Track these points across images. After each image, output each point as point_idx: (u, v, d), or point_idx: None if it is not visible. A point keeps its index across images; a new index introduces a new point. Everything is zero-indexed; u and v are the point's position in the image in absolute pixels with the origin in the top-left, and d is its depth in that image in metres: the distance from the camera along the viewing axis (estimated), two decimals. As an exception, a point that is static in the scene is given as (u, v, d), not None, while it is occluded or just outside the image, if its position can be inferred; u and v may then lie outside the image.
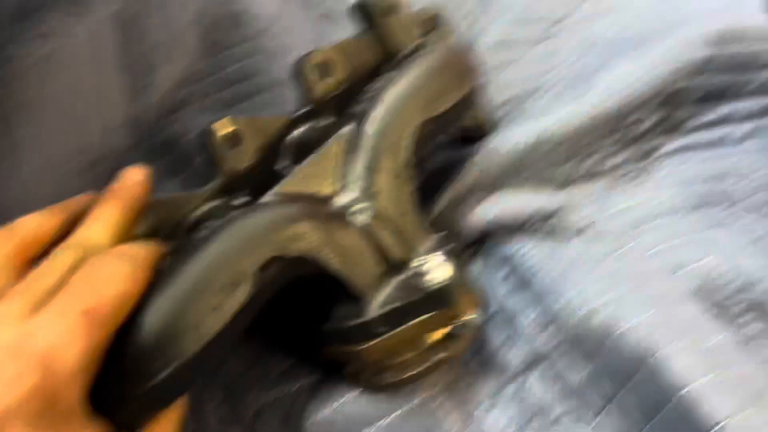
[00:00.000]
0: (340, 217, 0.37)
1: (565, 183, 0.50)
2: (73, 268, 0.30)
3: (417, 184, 0.41)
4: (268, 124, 0.40)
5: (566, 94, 0.51)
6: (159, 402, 0.31)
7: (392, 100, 0.40)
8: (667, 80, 0.50)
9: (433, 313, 0.35)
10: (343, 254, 0.35)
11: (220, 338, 0.31)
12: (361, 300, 0.36)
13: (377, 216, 0.37)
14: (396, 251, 0.37)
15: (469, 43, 0.45)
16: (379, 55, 0.45)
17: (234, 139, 0.38)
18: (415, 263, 0.37)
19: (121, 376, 0.29)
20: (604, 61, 0.52)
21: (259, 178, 0.38)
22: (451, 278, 0.36)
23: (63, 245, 0.31)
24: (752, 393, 0.34)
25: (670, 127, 0.52)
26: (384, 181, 0.38)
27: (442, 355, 0.37)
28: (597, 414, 0.38)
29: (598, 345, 0.38)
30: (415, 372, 0.37)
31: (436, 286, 0.35)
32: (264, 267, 0.32)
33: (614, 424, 0.37)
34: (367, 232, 0.37)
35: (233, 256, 0.32)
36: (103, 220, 0.33)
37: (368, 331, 0.35)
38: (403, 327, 0.35)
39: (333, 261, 0.35)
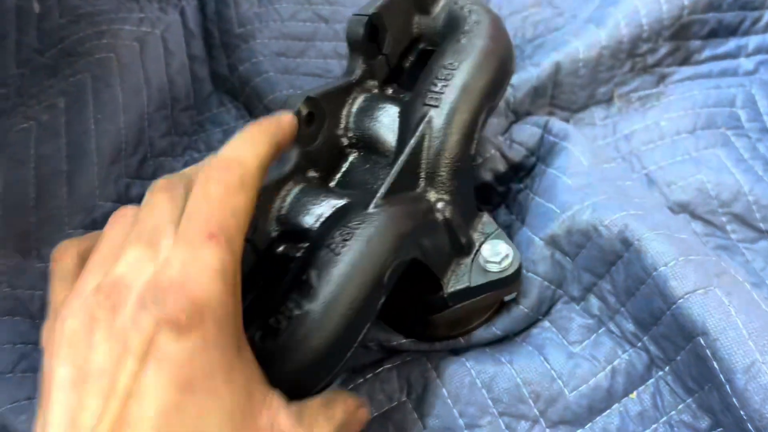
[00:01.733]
0: (431, 212, 0.40)
1: (583, 107, 0.56)
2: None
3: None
4: (330, 96, 0.42)
5: (586, 27, 0.56)
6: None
7: (459, 96, 0.41)
8: (679, 13, 0.54)
9: (494, 292, 0.42)
10: (432, 246, 0.40)
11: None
12: (439, 278, 0.42)
13: (452, 207, 0.41)
14: (463, 235, 0.42)
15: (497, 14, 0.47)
16: (414, 9, 0.48)
17: (309, 118, 0.40)
18: (478, 246, 0.42)
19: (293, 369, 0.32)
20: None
21: (327, 154, 0.42)
22: (515, 269, 0.41)
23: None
24: (714, 273, 0.40)
25: (681, 57, 0.57)
26: (456, 171, 0.41)
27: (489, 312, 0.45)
28: (582, 299, 0.45)
29: (585, 239, 0.44)
30: (471, 326, 0.45)
31: (502, 275, 0.41)
32: (392, 273, 0.35)
33: (597, 305, 0.44)
34: (447, 223, 0.41)
35: (371, 272, 0.34)
36: (252, 142, 0.31)
37: (442, 304, 0.42)
38: (467, 302, 0.42)
39: (426, 253, 0.39)
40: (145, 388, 0.25)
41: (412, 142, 0.40)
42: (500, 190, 0.52)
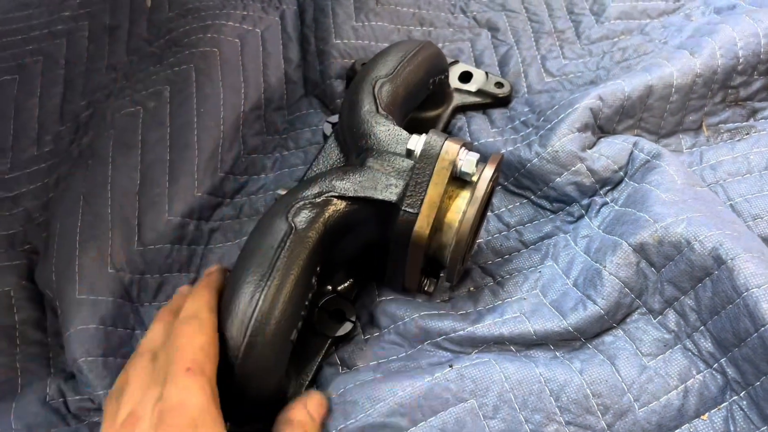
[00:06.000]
0: None
1: (670, 133, 0.56)
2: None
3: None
4: None
5: (680, 53, 0.56)
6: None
7: None
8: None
9: None
10: None
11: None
12: None
13: None
14: None
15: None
16: None
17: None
18: None
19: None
20: (718, 22, 0.57)
21: None
22: None
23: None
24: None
25: (775, 92, 0.56)
26: None
27: None
28: (660, 313, 0.45)
29: (675, 251, 0.44)
30: None
31: None
32: None
33: (675, 321, 0.44)
34: None
35: None
36: (200, 298, 0.43)
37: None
38: None
39: None
40: None
41: None
42: (583, 203, 0.53)
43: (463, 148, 0.44)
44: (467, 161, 0.43)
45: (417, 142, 0.44)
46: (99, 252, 0.53)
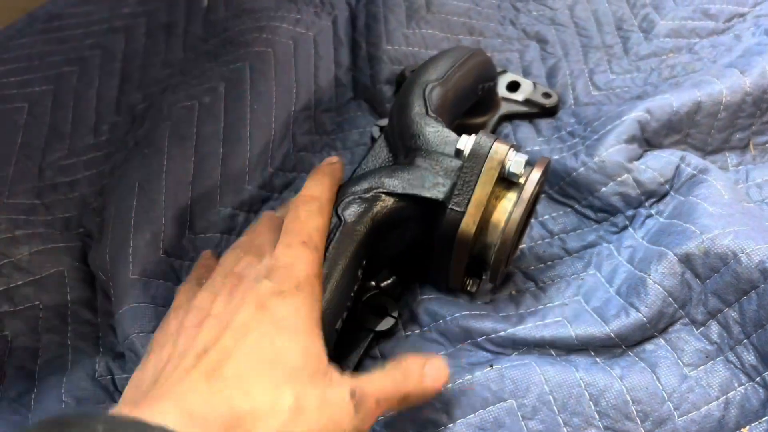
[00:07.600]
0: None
1: (717, 150, 0.57)
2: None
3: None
4: None
5: (729, 71, 0.57)
6: None
7: None
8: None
9: None
10: None
11: None
12: None
13: None
14: None
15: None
16: None
17: None
18: None
19: None
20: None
21: None
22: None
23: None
24: None
25: (826, 113, 0.57)
26: None
27: None
28: (703, 324, 0.45)
29: (721, 263, 0.44)
30: None
31: None
32: None
33: (718, 332, 0.44)
34: None
35: None
36: (321, 183, 0.45)
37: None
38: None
39: None
40: (253, 325, 0.36)
41: None
42: (628, 214, 0.53)
43: (512, 149, 0.45)
44: (516, 162, 0.44)
45: (467, 142, 0.45)
46: (153, 236, 0.54)
